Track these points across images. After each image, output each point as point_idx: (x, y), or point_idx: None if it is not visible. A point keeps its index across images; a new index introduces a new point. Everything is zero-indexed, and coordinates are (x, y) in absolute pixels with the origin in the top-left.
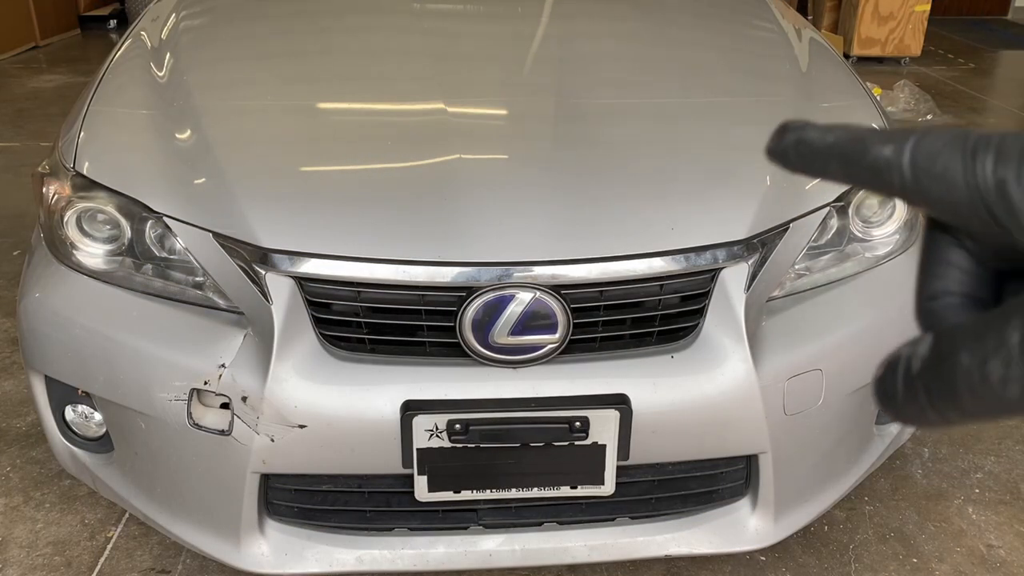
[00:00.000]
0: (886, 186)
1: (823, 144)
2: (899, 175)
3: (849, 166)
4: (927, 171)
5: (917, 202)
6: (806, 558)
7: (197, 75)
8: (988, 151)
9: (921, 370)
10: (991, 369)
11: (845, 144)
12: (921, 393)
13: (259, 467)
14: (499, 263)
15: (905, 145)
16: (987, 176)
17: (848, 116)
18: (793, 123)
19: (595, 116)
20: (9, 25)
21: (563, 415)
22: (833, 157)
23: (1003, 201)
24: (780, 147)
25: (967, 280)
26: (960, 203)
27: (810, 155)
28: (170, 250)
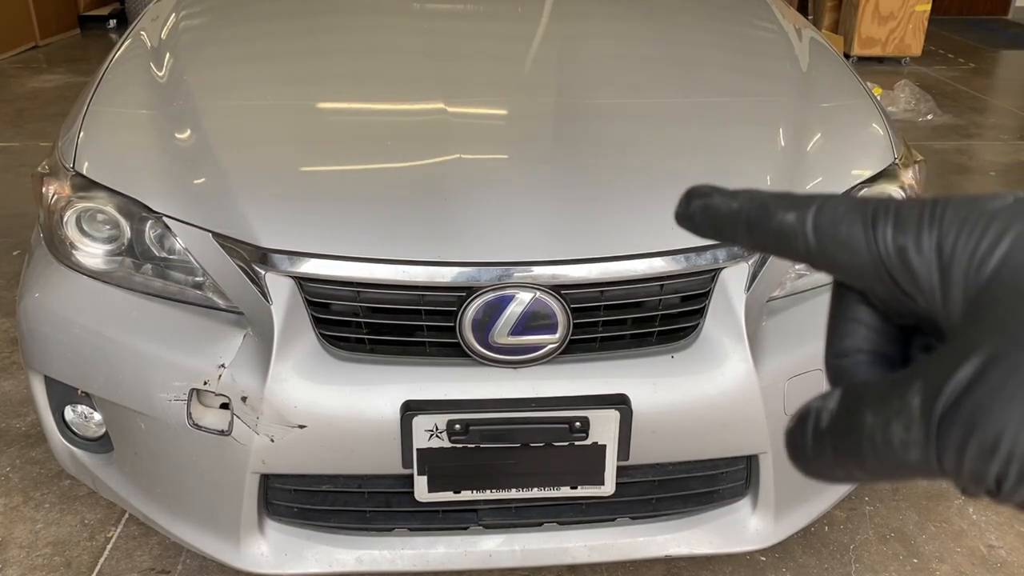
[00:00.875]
0: (792, 252)
1: (728, 210)
2: (803, 241)
3: (754, 232)
4: (830, 238)
5: (823, 267)
6: (806, 558)
7: (197, 75)
8: (887, 219)
9: (828, 426)
10: (893, 431)
11: (749, 211)
12: (828, 449)
13: (259, 467)
14: (499, 263)
15: (808, 212)
16: (887, 244)
17: (849, 116)
18: (699, 189)
19: (595, 116)
20: (9, 25)
21: (563, 415)
22: (739, 223)
23: (904, 268)
24: (687, 213)
25: (874, 337)
26: (864, 269)
27: (716, 221)
28: (170, 250)
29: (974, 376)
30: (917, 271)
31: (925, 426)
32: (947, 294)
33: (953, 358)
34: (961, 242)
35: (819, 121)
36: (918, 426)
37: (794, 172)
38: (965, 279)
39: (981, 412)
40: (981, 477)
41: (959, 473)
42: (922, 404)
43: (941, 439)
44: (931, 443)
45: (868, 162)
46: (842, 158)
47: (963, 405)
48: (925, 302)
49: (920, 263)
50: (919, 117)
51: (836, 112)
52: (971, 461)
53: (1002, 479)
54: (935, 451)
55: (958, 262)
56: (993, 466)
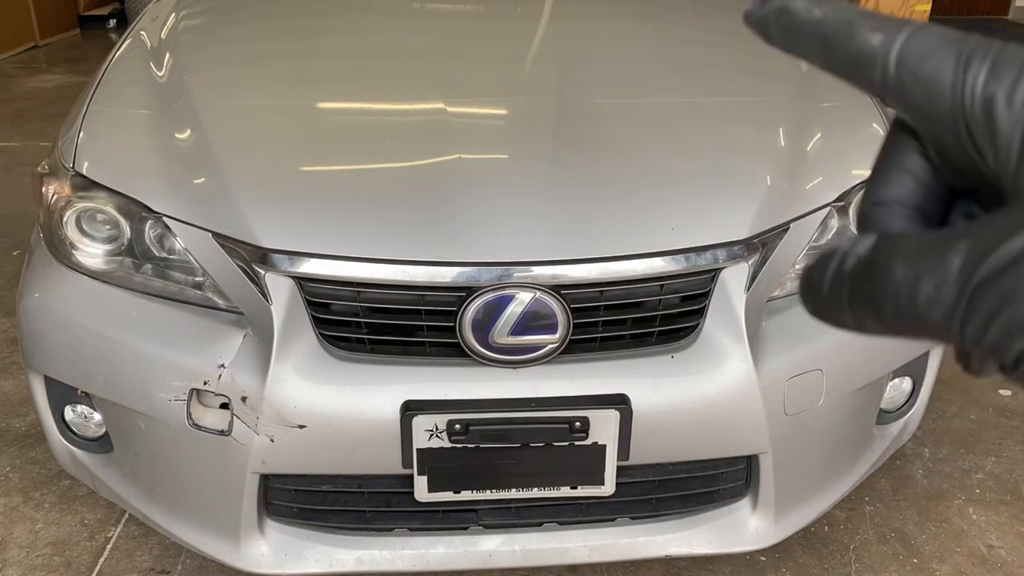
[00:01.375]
0: (866, 80)
1: (808, 18)
2: (882, 70)
3: (831, 50)
4: (913, 72)
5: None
6: (806, 558)
7: (197, 75)
8: (984, 62)
9: (853, 270)
10: (922, 287)
11: (832, 23)
12: (846, 293)
13: (259, 467)
14: (499, 263)
15: (896, 37)
16: (976, 90)
17: (849, 116)
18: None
19: (595, 116)
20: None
21: (563, 415)
22: (816, 36)
23: (987, 121)
24: (761, 14)
25: (920, 192)
26: (941, 114)
27: (792, 29)
28: (170, 250)
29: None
30: (1000, 126)
31: (959, 288)
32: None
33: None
34: None
35: (819, 121)
36: (952, 287)
37: (794, 172)
38: None
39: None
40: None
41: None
42: (962, 266)
43: (972, 304)
44: (960, 306)
45: (868, 162)
46: (842, 158)
47: (1006, 275)
48: (995, 162)
49: (1006, 118)
50: None
51: (836, 112)
52: (997, 332)
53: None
54: (961, 315)
55: None
56: (1019, 342)
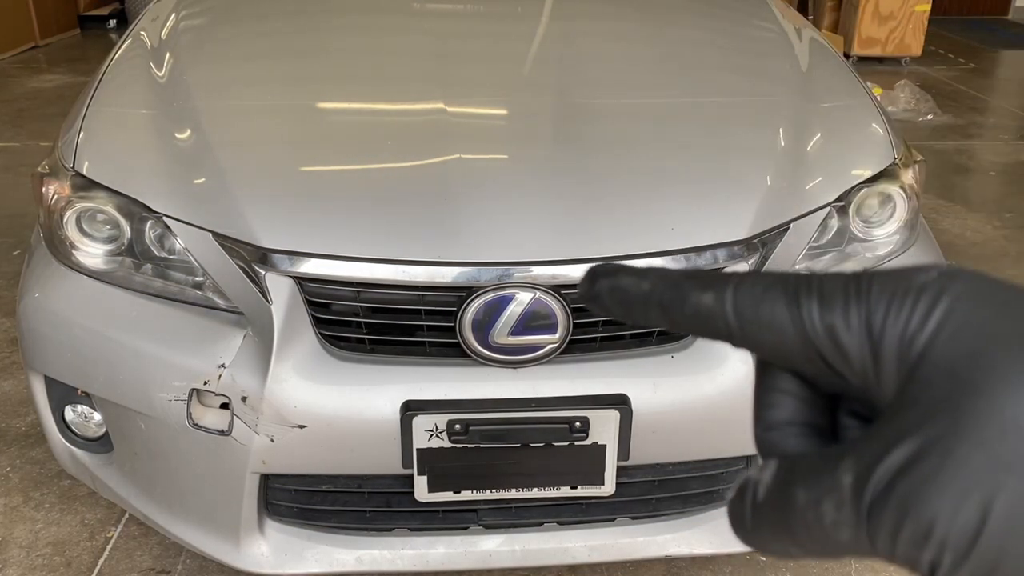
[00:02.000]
0: (715, 333)
1: (639, 292)
2: (724, 323)
3: (670, 314)
4: (753, 319)
5: (749, 348)
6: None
7: (197, 75)
8: (811, 296)
9: (764, 500)
10: (824, 510)
11: (662, 292)
12: (765, 525)
13: (259, 467)
14: (499, 263)
15: (725, 292)
16: (815, 323)
17: (849, 116)
18: (603, 268)
19: (595, 116)
20: (9, 25)
21: (563, 415)
22: (652, 306)
23: (835, 348)
24: (592, 293)
25: (802, 408)
26: (792, 349)
27: (627, 303)
28: (170, 250)
29: (907, 461)
30: (848, 350)
31: (856, 507)
32: (879, 372)
33: (885, 439)
34: (891, 319)
35: (819, 121)
36: (849, 507)
37: (794, 172)
38: (898, 357)
39: (914, 498)
40: (914, 562)
41: (892, 556)
42: (853, 484)
43: (872, 522)
44: (862, 525)
45: (868, 162)
46: (842, 158)
47: (895, 489)
48: (857, 380)
49: (851, 341)
50: (919, 117)
51: (836, 112)
52: (904, 546)
53: (936, 566)
54: (867, 533)
55: (888, 340)
56: (927, 553)
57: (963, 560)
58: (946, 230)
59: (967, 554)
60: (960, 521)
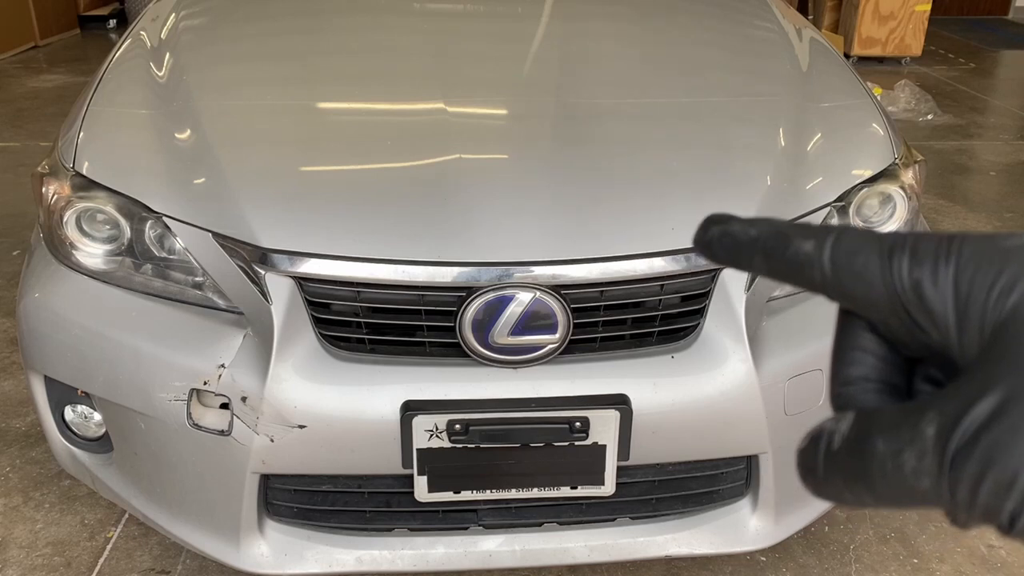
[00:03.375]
0: (807, 281)
1: (746, 238)
2: (820, 271)
3: (771, 260)
4: (846, 269)
5: (837, 298)
6: (807, 558)
7: (197, 75)
8: (903, 252)
9: (840, 449)
10: (905, 459)
11: (767, 238)
12: (839, 473)
13: (259, 467)
14: (499, 263)
15: (825, 242)
16: (904, 277)
17: (849, 116)
18: (718, 216)
19: (595, 116)
20: (9, 25)
21: (563, 415)
22: (756, 251)
23: (919, 302)
24: (705, 239)
25: (881, 366)
26: (879, 302)
27: (734, 248)
28: (170, 250)
29: (992, 413)
30: (932, 305)
31: (939, 457)
32: (963, 330)
33: (970, 393)
34: (979, 279)
35: (819, 121)
36: (932, 456)
37: (794, 172)
38: (982, 316)
39: (999, 449)
40: (995, 512)
41: (971, 506)
42: (936, 435)
43: (955, 472)
44: (944, 474)
45: (868, 162)
46: (842, 158)
47: (980, 441)
48: (939, 336)
49: (936, 297)
50: (919, 117)
51: (836, 112)
52: (986, 496)
53: (1016, 516)
54: (948, 482)
55: (975, 298)
56: (1009, 503)
57: None
58: (946, 230)
59: None
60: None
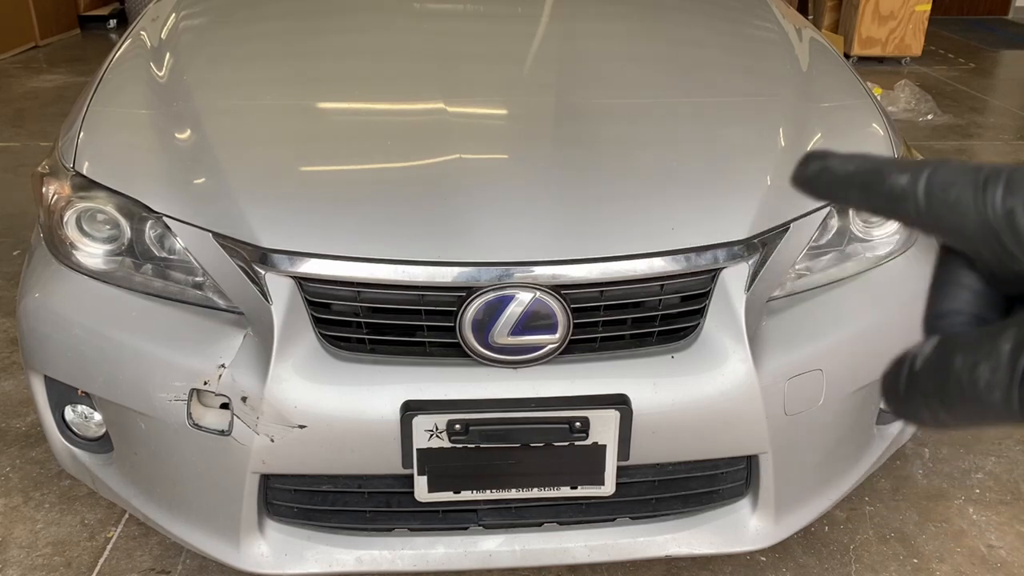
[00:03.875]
0: (902, 213)
1: (844, 172)
2: (914, 203)
3: (868, 194)
4: (941, 200)
5: (931, 230)
6: (807, 558)
7: (197, 75)
8: (998, 182)
9: (921, 368)
10: (980, 373)
11: (864, 173)
12: (919, 391)
13: (259, 467)
14: (499, 263)
15: (920, 175)
16: (997, 206)
17: (849, 116)
18: (817, 152)
19: (595, 116)
20: (9, 25)
21: (563, 415)
22: (853, 185)
23: (1012, 230)
24: (805, 175)
25: (976, 301)
26: (972, 231)
27: (832, 183)
28: (170, 250)
29: None
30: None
31: (1011, 369)
32: None
33: None
34: None
35: (819, 121)
36: (1004, 371)
37: None
38: None
39: None
40: None
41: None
42: (1012, 350)
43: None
44: (1015, 387)
45: None
46: None
47: None
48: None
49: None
50: (919, 117)
51: (836, 112)
52: None
53: None
54: (1017, 394)
55: None
56: None
57: None
58: None
59: None
60: None
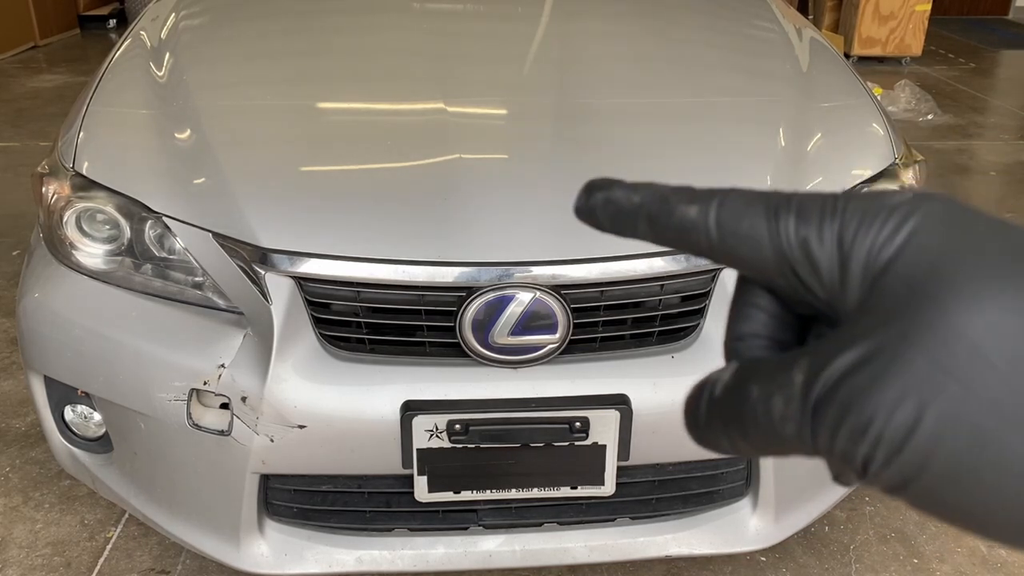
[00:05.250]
0: (695, 246)
1: (630, 204)
2: (705, 235)
3: (656, 226)
4: (732, 232)
5: (725, 261)
6: (807, 559)
7: (197, 75)
8: (790, 211)
9: (720, 396)
10: (774, 404)
11: (651, 204)
12: (718, 419)
13: (258, 467)
14: (499, 263)
15: (710, 206)
16: (790, 235)
17: (849, 116)
18: (599, 182)
19: (595, 115)
20: (8, 25)
21: (563, 415)
22: (640, 217)
23: (806, 260)
24: (588, 206)
25: (772, 324)
26: (766, 263)
27: (618, 215)
28: (169, 250)
29: (856, 362)
30: (819, 262)
31: (803, 402)
32: (845, 284)
33: (839, 343)
34: (861, 233)
35: (819, 121)
36: (797, 402)
37: (794, 172)
38: (863, 270)
39: (857, 396)
40: (850, 457)
41: (830, 451)
42: (804, 382)
43: (816, 417)
44: (806, 419)
45: (868, 162)
46: (842, 158)
47: (841, 388)
48: (825, 293)
49: (822, 254)
50: (919, 117)
51: (836, 112)
52: (842, 441)
53: (869, 461)
54: (809, 427)
55: (857, 252)
56: (862, 448)
57: (895, 456)
58: None
59: (899, 451)
60: (896, 419)
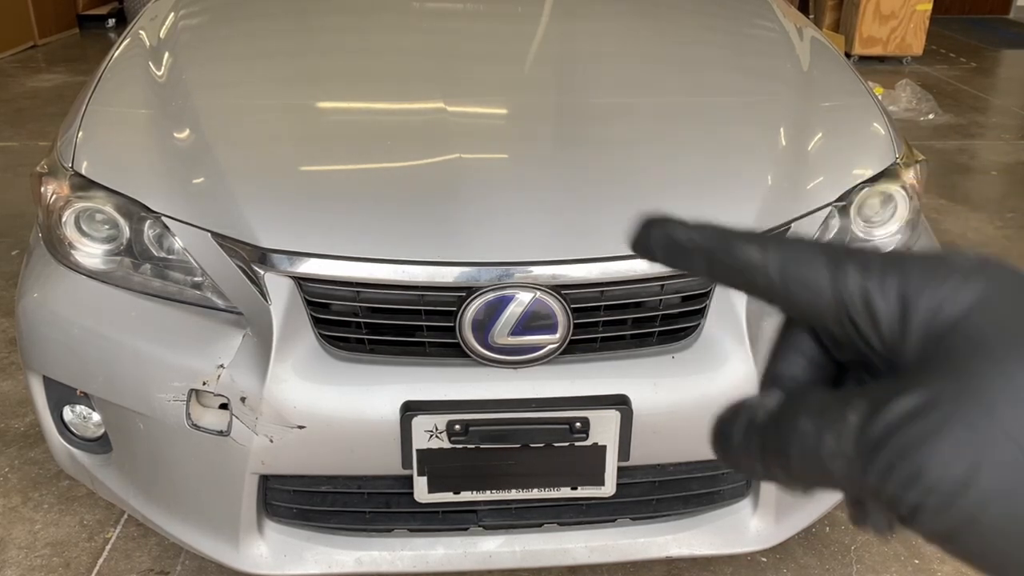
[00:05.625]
0: (753, 286)
1: (689, 241)
2: (764, 277)
3: (714, 264)
4: (794, 276)
5: (780, 304)
6: (808, 559)
7: (196, 74)
8: (853, 262)
9: (763, 423)
10: (825, 440)
11: (711, 243)
12: (756, 445)
13: (258, 468)
14: (499, 263)
15: (769, 248)
16: (852, 286)
17: (850, 115)
18: (656, 219)
19: (595, 115)
20: (8, 24)
21: (563, 416)
22: (699, 254)
23: (867, 312)
24: (646, 243)
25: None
26: (825, 309)
27: (676, 252)
28: (168, 250)
29: (914, 410)
30: (879, 313)
31: (857, 442)
32: (905, 337)
33: (898, 388)
34: (926, 291)
35: (820, 121)
36: (850, 440)
37: (795, 172)
38: (925, 325)
39: (914, 443)
40: (899, 503)
41: (879, 493)
42: (860, 422)
43: (870, 457)
44: (859, 459)
45: (869, 162)
46: (843, 158)
47: (898, 432)
48: (881, 344)
49: (883, 306)
50: (920, 116)
51: (837, 111)
52: (893, 486)
53: (918, 508)
54: (861, 467)
55: (920, 310)
56: (913, 494)
57: (946, 508)
58: (948, 230)
59: (951, 503)
60: (952, 472)
